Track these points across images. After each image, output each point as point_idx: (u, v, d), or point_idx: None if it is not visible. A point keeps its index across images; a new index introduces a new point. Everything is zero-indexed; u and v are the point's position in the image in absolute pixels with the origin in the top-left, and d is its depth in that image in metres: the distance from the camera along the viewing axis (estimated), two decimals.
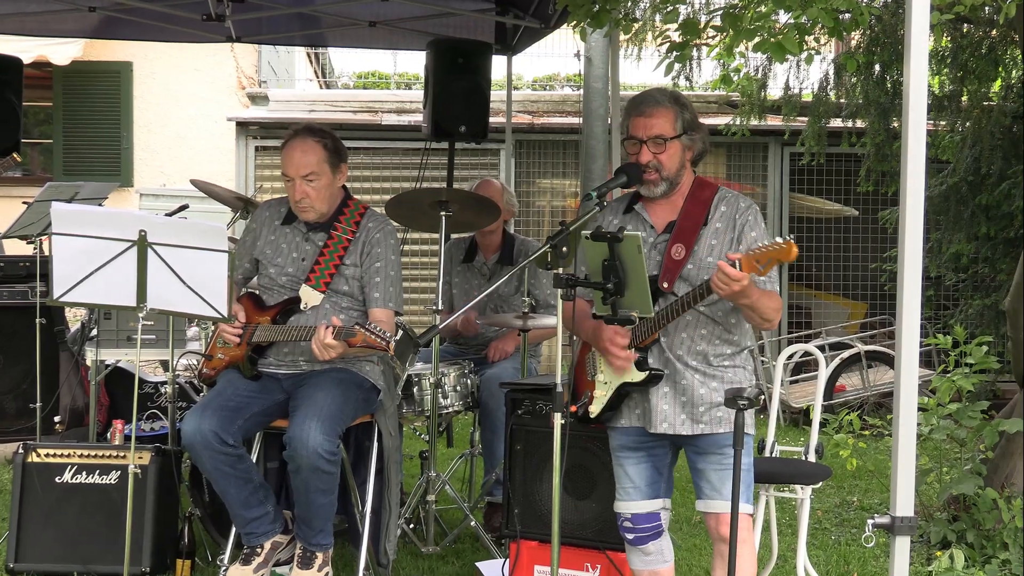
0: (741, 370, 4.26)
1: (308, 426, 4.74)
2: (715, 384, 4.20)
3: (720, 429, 4.17)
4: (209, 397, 5.04)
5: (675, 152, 4.24)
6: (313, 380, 5.03)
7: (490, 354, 6.52)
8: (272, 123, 11.85)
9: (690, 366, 4.20)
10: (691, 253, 4.18)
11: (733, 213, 4.22)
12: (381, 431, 5.22)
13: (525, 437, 5.29)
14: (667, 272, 4.17)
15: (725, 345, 4.23)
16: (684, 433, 4.20)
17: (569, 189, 11.94)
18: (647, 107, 4.22)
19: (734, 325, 4.23)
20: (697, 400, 4.19)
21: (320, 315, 5.08)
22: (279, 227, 5.28)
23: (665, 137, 4.21)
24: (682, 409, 4.20)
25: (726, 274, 3.85)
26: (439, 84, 7.41)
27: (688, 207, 4.26)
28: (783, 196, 11.76)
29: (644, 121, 4.22)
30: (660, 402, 4.21)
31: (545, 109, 12.72)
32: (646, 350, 4.21)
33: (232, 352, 5.20)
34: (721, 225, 4.21)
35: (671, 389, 4.21)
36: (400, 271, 5.23)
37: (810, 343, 7.99)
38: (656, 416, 4.21)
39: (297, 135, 5.13)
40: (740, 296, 3.94)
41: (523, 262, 4.43)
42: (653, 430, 4.22)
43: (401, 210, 6.09)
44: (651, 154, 4.21)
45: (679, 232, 4.22)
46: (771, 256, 3.80)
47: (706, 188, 4.31)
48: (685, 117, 4.25)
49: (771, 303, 4.07)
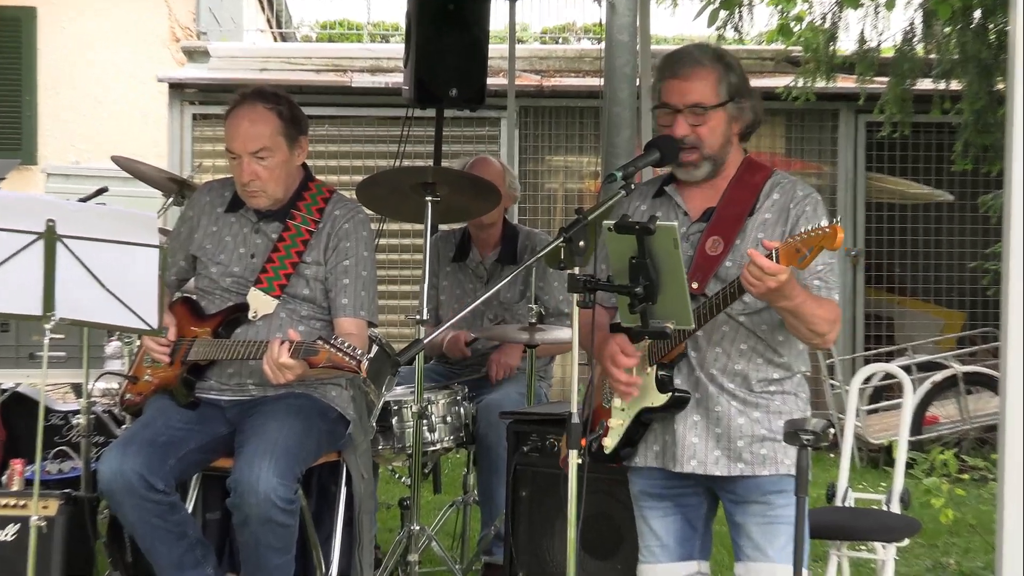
0: (792, 398, 4.25)
1: (258, 467, 4.74)
2: (757, 415, 4.19)
3: (764, 471, 4.16)
4: (133, 430, 5.04)
5: (718, 124, 4.24)
6: (265, 409, 5.03)
7: (491, 371, 6.52)
8: (214, 85, 11.86)
9: (726, 390, 4.20)
10: (730, 248, 4.16)
11: (787, 202, 4.21)
12: (351, 473, 5.22)
13: (532, 480, 5.29)
14: (698, 269, 4.16)
15: (770, 367, 4.23)
16: (717, 474, 4.19)
17: (587, 168, 11.95)
18: (683, 67, 4.22)
19: (782, 343, 4.22)
20: (735, 433, 4.18)
21: (274, 327, 5.09)
22: (222, 216, 5.28)
23: (705, 105, 4.20)
24: (716, 443, 4.19)
25: (759, 266, 3.82)
26: (424, 36, 7.42)
27: (732, 192, 4.26)
28: (857, 177, 11.76)
29: (680, 85, 4.21)
30: (688, 434, 4.21)
31: (557, 68, 12.72)
32: (671, 366, 4.20)
33: (163, 373, 5.20)
34: (771, 216, 4.21)
35: (702, 418, 4.21)
36: (374, 272, 5.24)
37: (893, 363, 8.00)
38: (683, 451, 4.20)
39: (245, 100, 5.14)
40: (778, 296, 3.91)
41: (529, 260, 4.43)
42: (679, 468, 4.21)
43: (376, 194, 6.09)
44: (688, 127, 4.21)
45: (718, 222, 4.22)
46: (812, 243, 3.78)
47: (757, 171, 4.30)
48: (731, 80, 4.25)
49: (822, 311, 4.05)
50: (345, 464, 5.22)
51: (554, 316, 6.51)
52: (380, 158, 11.32)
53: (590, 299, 3.93)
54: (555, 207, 11.94)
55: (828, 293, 4.13)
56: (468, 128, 11.47)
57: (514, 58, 8.83)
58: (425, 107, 7.82)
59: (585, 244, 3.94)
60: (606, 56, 9.16)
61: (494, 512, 6.14)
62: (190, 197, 5.65)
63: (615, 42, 9.11)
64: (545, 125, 11.89)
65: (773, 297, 3.93)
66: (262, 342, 4.92)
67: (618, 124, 8.94)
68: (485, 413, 6.15)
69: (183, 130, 11.76)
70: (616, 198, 4.14)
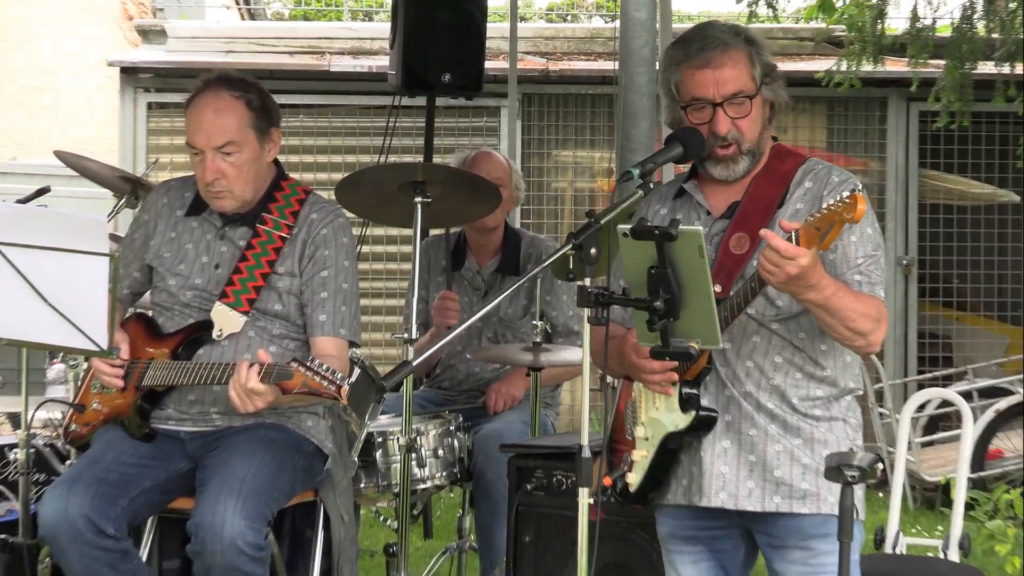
0: (840, 424, 4.23)
1: (223, 508, 4.74)
2: (798, 441, 4.18)
3: (804, 508, 4.16)
4: (80, 467, 5.03)
5: (758, 112, 4.26)
6: (231, 442, 5.03)
7: (490, 401, 6.53)
8: (172, 69, 11.88)
9: (764, 409, 4.19)
10: (757, 246, 4.13)
11: (820, 189, 4.22)
12: (329, 515, 5.22)
13: (537, 523, 5.30)
14: (721, 269, 4.15)
15: (812, 383, 4.22)
16: (750, 509, 4.19)
17: (599, 164, 11.97)
18: (713, 52, 4.22)
19: (824, 353, 4.21)
20: (771, 461, 4.17)
21: (241, 347, 5.09)
22: (182, 220, 5.29)
23: (748, 93, 4.22)
24: (749, 474, 4.18)
25: (775, 248, 3.81)
26: (413, 13, 7.44)
27: (759, 184, 4.27)
28: (909, 174, 11.78)
29: (713, 75, 4.22)
30: (716, 462, 4.20)
31: (565, 49, 12.75)
32: (697, 383, 4.19)
33: (114, 401, 5.20)
34: (803, 206, 4.21)
35: (733, 443, 4.20)
36: (356, 284, 5.24)
37: (950, 388, 8.00)
38: (711, 483, 4.20)
39: (208, 88, 5.14)
40: (802, 286, 3.87)
41: (534, 270, 4.44)
42: (706, 503, 4.21)
43: (358, 195, 6.11)
44: (730, 122, 4.22)
45: (743, 216, 4.22)
46: (831, 218, 3.76)
47: (787, 158, 4.33)
48: (762, 59, 4.27)
49: (861, 305, 4.02)
50: (323, 505, 5.22)
51: (563, 335, 6.52)
52: (363, 153, 11.35)
53: (603, 315, 3.93)
54: (563, 209, 11.96)
55: (871, 289, 4.11)
56: (463, 119, 11.50)
57: (516, 38, 8.85)
58: (414, 95, 7.83)
59: (597, 252, 3.95)
60: (621, 36, 9.16)
61: (494, 560, 6.15)
62: (145, 198, 5.65)
63: (631, 20, 9.12)
64: (551, 115, 11.91)
65: (797, 288, 3.90)
66: (228, 364, 4.91)
67: (635, 114, 8.93)
68: (483, 446, 6.14)
69: (136, 121, 11.78)
70: (633, 199, 4.15)
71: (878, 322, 4.06)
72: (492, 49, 7.71)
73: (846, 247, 4.12)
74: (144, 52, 12.75)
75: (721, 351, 4.15)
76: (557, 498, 5.26)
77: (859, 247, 4.12)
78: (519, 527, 5.33)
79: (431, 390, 6.77)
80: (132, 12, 13.53)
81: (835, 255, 4.11)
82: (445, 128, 10.95)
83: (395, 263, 11.42)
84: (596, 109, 11.88)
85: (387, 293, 11.27)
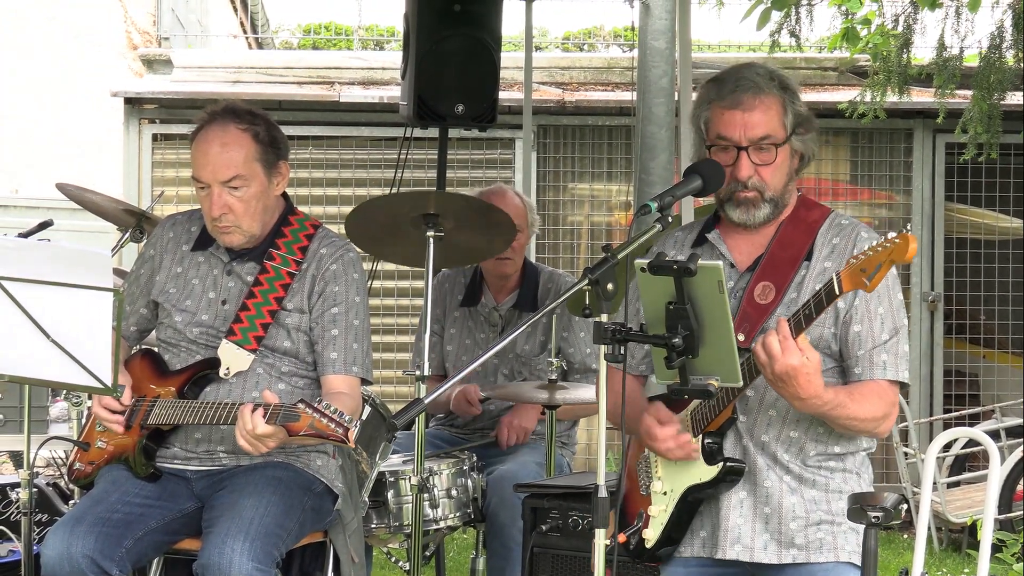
0: (854, 478, 4.27)
1: (230, 549, 4.74)
2: (813, 493, 4.21)
3: (820, 557, 4.17)
4: (84, 507, 5.03)
5: (784, 160, 4.27)
6: (238, 481, 5.04)
7: (501, 436, 6.52)
8: (178, 100, 11.91)
9: (779, 462, 4.21)
10: (783, 295, 4.18)
11: (849, 246, 4.23)
12: (339, 556, 5.22)
13: (552, 565, 5.29)
14: (745, 319, 4.18)
15: (831, 438, 4.24)
16: (766, 562, 4.20)
17: (617, 197, 11.97)
18: (746, 94, 4.24)
19: None
20: (786, 514, 4.19)
21: (250, 384, 5.11)
22: (188, 255, 5.30)
23: (776, 141, 4.24)
24: (764, 526, 4.20)
25: (765, 345, 3.88)
26: (425, 42, 7.46)
27: (785, 233, 4.29)
28: (935, 208, 11.76)
29: (743, 117, 4.23)
30: (732, 514, 4.22)
31: (582, 79, 12.77)
32: (720, 434, 4.21)
33: (119, 440, 5.21)
34: (831, 264, 4.22)
35: (749, 495, 4.22)
36: (367, 320, 5.24)
37: (977, 427, 7.99)
38: (726, 535, 4.22)
39: (214, 120, 5.16)
40: (790, 393, 3.94)
41: (550, 305, 4.45)
42: (721, 555, 4.22)
43: (369, 229, 6.12)
44: (752, 167, 4.24)
45: (768, 266, 4.25)
46: (880, 258, 3.77)
47: (813, 209, 4.35)
48: (796, 108, 4.29)
49: (863, 410, 4.08)
50: (332, 546, 5.22)
51: (579, 372, 6.53)
52: (374, 186, 11.35)
53: (620, 352, 3.93)
54: (579, 243, 11.96)
55: (895, 373, 4.15)
56: (477, 151, 11.52)
57: (531, 68, 8.86)
58: (426, 126, 7.84)
59: (614, 287, 3.96)
60: (639, 66, 9.21)
61: None
62: (150, 233, 5.67)
63: (650, 49, 9.17)
64: (567, 147, 11.92)
65: (785, 392, 3.96)
66: (235, 404, 4.91)
67: (653, 146, 8.98)
68: (497, 486, 6.15)
69: (141, 153, 11.79)
70: (650, 233, 4.15)
71: (886, 417, 4.15)
72: (507, 79, 7.73)
73: (872, 319, 4.16)
74: (149, 82, 12.78)
75: (743, 400, 4.17)
76: (573, 539, 5.26)
77: (886, 320, 4.16)
78: (534, 569, 5.32)
79: (443, 428, 6.77)
80: (137, 42, 13.56)
81: (860, 327, 4.14)
82: (458, 160, 10.98)
83: (407, 299, 11.43)
84: (613, 141, 11.88)
85: (398, 329, 11.28)
